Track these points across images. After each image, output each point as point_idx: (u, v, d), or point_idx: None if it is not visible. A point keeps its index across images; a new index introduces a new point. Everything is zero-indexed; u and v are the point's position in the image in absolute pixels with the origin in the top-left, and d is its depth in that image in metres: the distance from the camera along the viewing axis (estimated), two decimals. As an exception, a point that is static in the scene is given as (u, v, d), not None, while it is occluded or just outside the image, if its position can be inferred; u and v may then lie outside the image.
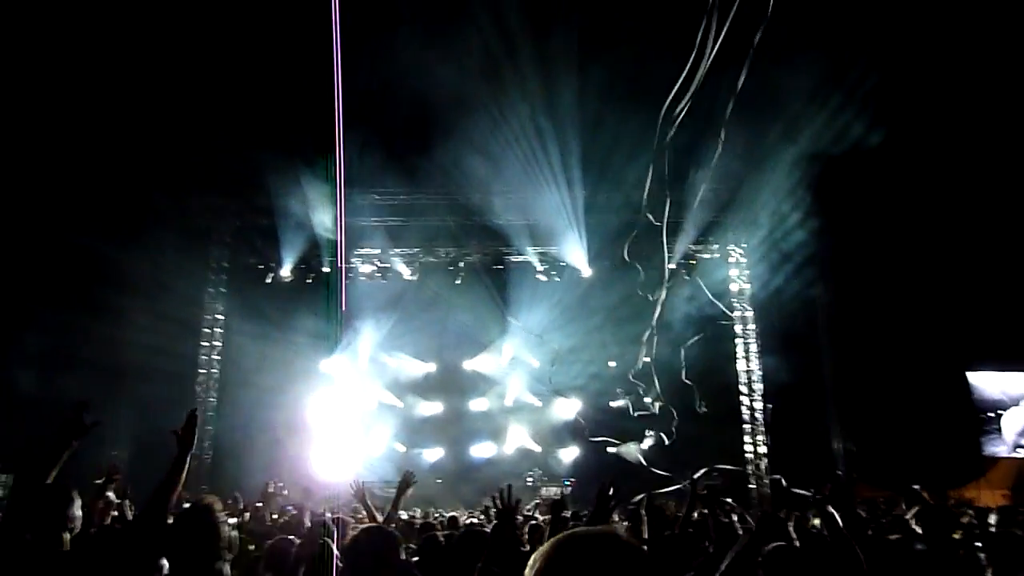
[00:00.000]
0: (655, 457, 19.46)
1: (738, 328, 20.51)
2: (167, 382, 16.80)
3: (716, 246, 20.50)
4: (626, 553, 1.45)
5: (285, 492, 10.50)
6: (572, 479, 19.16)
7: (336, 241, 18.80)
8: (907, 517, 5.73)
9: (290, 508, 8.54)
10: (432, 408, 20.63)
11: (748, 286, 20.46)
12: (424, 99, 15.01)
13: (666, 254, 9.19)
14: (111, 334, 15.58)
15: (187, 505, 3.08)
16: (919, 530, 4.97)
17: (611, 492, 3.80)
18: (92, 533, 4.18)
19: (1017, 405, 18.83)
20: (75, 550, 3.32)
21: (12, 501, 3.51)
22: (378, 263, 20.15)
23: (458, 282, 19.80)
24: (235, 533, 3.87)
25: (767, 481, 18.85)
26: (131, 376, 16.54)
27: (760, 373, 20.03)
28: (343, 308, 19.54)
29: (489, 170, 17.06)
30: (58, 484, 3.34)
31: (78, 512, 3.30)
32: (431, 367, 20.76)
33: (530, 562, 1.49)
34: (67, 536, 3.25)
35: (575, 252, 19.34)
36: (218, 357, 19.96)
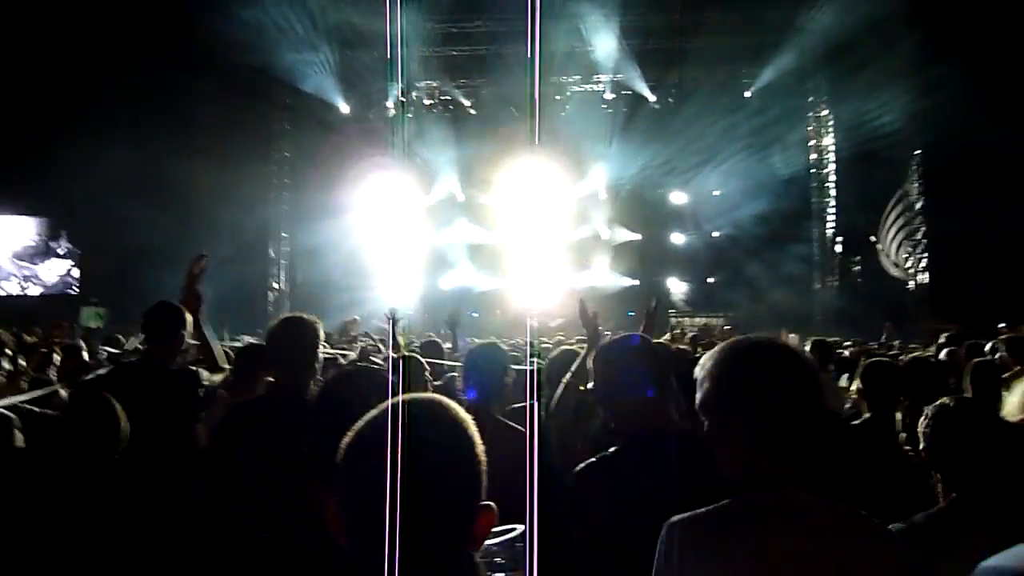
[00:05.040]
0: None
1: (813, 156, 19.73)
2: (238, 209, 17.19)
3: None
4: (803, 360, 1.53)
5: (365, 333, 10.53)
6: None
7: (395, 74, 18.32)
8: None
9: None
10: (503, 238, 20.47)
11: (826, 112, 19.39)
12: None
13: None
14: (182, 165, 15.84)
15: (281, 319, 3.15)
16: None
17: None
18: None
19: None
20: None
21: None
22: (439, 95, 19.71)
23: (517, 113, 19.26)
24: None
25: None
26: (204, 204, 16.91)
27: (833, 206, 19.41)
28: (405, 141, 19.46)
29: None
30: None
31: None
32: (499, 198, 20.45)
33: (701, 362, 1.57)
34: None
35: (636, 79, 18.52)
36: (288, 193, 20.39)
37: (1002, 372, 3.82)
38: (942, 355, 5.65)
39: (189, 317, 3.49)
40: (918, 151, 17.83)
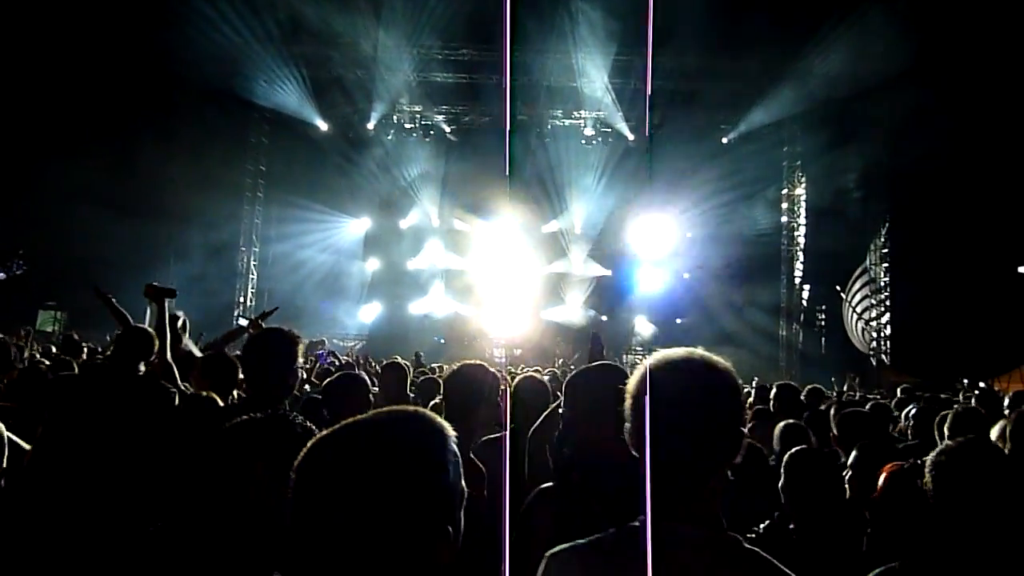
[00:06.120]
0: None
1: (784, 206, 20.05)
2: (209, 219, 16.97)
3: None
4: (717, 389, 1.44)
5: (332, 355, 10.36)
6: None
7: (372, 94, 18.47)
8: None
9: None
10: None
11: (799, 163, 19.76)
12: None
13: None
14: (153, 172, 15.62)
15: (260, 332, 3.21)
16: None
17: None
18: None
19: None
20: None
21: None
22: (419, 120, 19.76)
23: (497, 143, 19.37)
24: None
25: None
26: (174, 212, 16.64)
27: (802, 257, 19.69)
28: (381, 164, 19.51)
29: (535, 28, 16.22)
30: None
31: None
32: (474, 225, 20.58)
33: (629, 386, 1.49)
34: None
35: (617, 118, 18.78)
36: (261, 208, 20.18)
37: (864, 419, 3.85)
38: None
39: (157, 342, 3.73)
40: (886, 208, 18.22)
